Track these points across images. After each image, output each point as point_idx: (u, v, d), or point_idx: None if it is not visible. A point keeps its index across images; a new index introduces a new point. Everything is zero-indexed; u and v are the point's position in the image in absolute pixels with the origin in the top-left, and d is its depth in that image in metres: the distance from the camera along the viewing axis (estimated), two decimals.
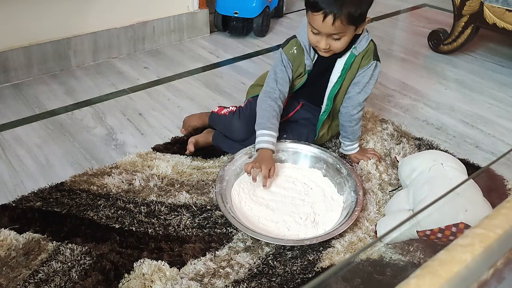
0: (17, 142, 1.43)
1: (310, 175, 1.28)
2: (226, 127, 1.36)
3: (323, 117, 1.35)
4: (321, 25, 1.13)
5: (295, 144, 1.32)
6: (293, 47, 1.27)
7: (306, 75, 1.30)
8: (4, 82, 1.75)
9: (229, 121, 1.35)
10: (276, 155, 1.28)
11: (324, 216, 1.16)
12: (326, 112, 1.34)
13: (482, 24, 1.98)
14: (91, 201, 1.18)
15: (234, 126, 1.33)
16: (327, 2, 1.10)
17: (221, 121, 1.39)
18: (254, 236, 1.05)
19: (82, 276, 0.97)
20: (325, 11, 1.11)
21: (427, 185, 1.09)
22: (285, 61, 1.27)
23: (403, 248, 1.07)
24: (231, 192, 1.20)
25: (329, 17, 1.11)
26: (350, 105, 1.32)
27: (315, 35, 1.18)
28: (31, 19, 1.75)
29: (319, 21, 1.13)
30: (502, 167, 1.33)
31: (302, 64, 1.28)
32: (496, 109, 1.73)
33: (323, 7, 1.10)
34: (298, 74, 1.30)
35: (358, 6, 1.12)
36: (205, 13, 2.25)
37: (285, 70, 1.27)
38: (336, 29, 1.14)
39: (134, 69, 1.93)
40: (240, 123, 1.33)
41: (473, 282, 0.46)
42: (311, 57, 1.27)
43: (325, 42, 1.17)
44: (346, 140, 1.38)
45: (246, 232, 1.06)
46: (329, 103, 1.33)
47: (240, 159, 1.26)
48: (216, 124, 1.42)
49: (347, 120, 1.34)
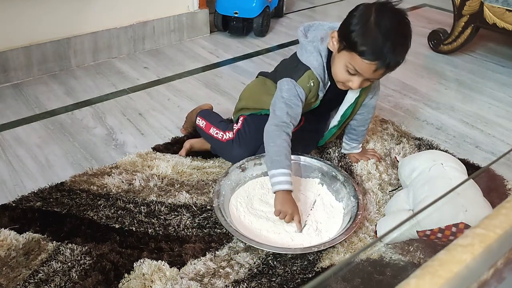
0: (17, 142, 1.43)
1: (306, 184, 1.27)
2: (224, 153, 1.30)
3: (333, 130, 1.33)
4: (369, 72, 1.06)
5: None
6: (310, 80, 1.16)
7: (318, 102, 1.23)
8: (4, 82, 1.75)
9: (229, 149, 1.27)
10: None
11: (326, 223, 1.14)
12: (337, 126, 1.32)
13: (482, 24, 1.98)
14: (91, 201, 1.18)
15: (235, 155, 1.26)
16: (383, 54, 1.02)
17: (216, 145, 1.31)
18: (263, 248, 1.04)
19: (82, 276, 0.97)
20: (379, 63, 1.04)
21: (427, 185, 1.09)
22: (302, 95, 1.16)
23: (403, 248, 1.07)
24: (229, 206, 1.17)
25: (383, 69, 1.05)
26: (365, 111, 1.31)
27: (349, 75, 1.10)
28: (31, 19, 1.75)
29: (368, 69, 1.05)
30: (502, 167, 1.33)
31: (316, 95, 1.20)
32: (496, 109, 1.73)
33: (379, 58, 1.03)
34: (308, 103, 1.22)
35: (406, 52, 1.07)
36: (205, 13, 2.25)
37: (300, 106, 1.17)
38: (381, 76, 1.09)
39: (134, 69, 1.93)
40: (242, 151, 1.25)
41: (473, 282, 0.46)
42: (325, 87, 1.21)
43: (359, 84, 1.10)
44: (354, 142, 1.37)
45: (252, 244, 1.04)
46: (342, 119, 1.29)
47: (234, 173, 1.23)
48: (210, 142, 1.34)
49: (361, 125, 1.33)
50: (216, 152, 1.35)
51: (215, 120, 1.35)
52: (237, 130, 1.28)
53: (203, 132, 1.34)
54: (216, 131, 1.30)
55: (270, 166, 1.14)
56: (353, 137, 1.36)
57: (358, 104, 1.28)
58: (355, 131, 1.35)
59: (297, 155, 1.29)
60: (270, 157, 1.14)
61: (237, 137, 1.26)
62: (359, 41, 1.04)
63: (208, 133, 1.32)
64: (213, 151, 1.35)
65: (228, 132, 1.29)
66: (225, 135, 1.29)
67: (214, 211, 1.12)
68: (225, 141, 1.28)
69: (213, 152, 1.36)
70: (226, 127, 1.31)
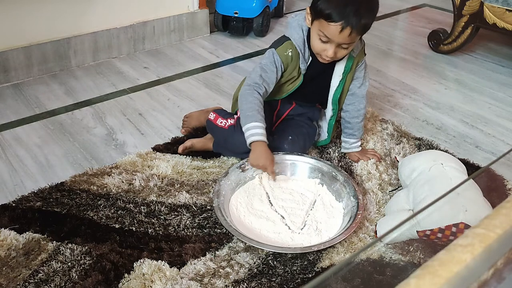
0: (17, 142, 1.43)
1: (306, 185, 1.26)
2: (227, 141, 1.32)
3: (332, 121, 1.37)
4: (337, 35, 1.11)
5: (290, 155, 1.29)
6: (288, 50, 1.23)
7: (301, 78, 1.27)
8: (4, 82, 1.75)
9: (231, 135, 1.30)
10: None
11: (326, 223, 1.15)
12: (334, 116, 1.36)
13: (482, 24, 1.98)
14: (91, 201, 1.18)
15: (236, 140, 1.28)
16: (346, 14, 1.08)
17: (221, 134, 1.34)
18: (263, 247, 1.04)
19: (82, 276, 0.97)
20: (343, 23, 1.09)
21: (427, 185, 1.09)
22: (278, 62, 1.23)
23: (403, 248, 1.07)
24: (229, 206, 1.17)
25: (347, 29, 1.10)
26: (355, 100, 1.35)
27: (323, 43, 1.16)
28: (31, 19, 1.75)
29: (334, 31, 1.11)
30: (502, 167, 1.33)
31: (297, 68, 1.25)
32: (496, 109, 1.73)
33: (343, 18, 1.09)
34: (291, 78, 1.27)
35: (372, 17, 1.13)
36: (205, 13, 2.25)
37: (275, 72, 1.23)
38: (350, 40, 1.13)
39: (134, 69, 1.93)
40: (242, 137, 1.26)
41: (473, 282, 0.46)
42: (306, 61, 1.25)
43: (333, 51, 1.16)
44: (352, 138, 1.38)
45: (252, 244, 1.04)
46: (335, 107, 1.33)
47: (234, 173, 1.23)
48: (215, 135, 1.37)
49: (355, 116, 1.35)
50: (219, 146, 1.36)
51: (223, 113, 1.39)
52: (237, 118, 1.32)
53: (211, 124, 1.36)
54: (221, 120, 1.35)
55: (243, 122, 1.21)
56: (350, 132, 1.37)
57: (345, 89, 1.32)
58: (350, 124, 1.36)
59: (297, 155, 1.29)
60: (244, 113, 1.21)
61: (238, 123, 1.30)
62: (324, 6, 1.11)
63: (215, 124, 1.35)
64: (216, 147, 1.37)
65: (230, 119, 1.34)
66: (227, 122, 1.33)
67: (214, 211, 1.12)
68: (227, 127, 1.32)
69: (215, 150, 1.37)
70: (230, 116, 1.36)
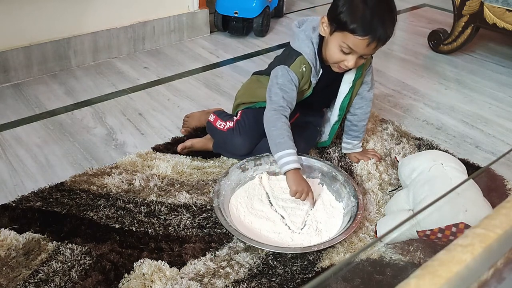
0: (17, 142, 1.43)
1: None
2: (227, 143, 1.31)
3: (336, 126, 1.36)
4: (363, 48, 1.10)
5: None
6: (302, 65, 1.20)
7: (311, 90, 1.26)
8: (4, 82, 1.75)
9: (230, 138, 1.29)
10: (269, 168, 1.27)
11: (326, 223, 1.15)
12: (339, 121, 1.35)
13: (482, 24, 1.98)
14: (91, 201, 1.18)
15: (236, 143, 1.28)
16: (374, 27, 1.07)
17: (220, 136, 1.33)
18: (263, 247, 1.04)
19: (82, 276, 0.97)
20: (371, 37, 1.08)
21: (427, 185, 1.09)
22: (295, 80, 1.20)
23: (403, 248, 1.07)
24: (229, 206, 1.17)
25: (374, 42, 1.09)
26: (364, 104, 1.34)
27: (344, 54, 1.14)
28: (31, 19, 1.75)
29: (361, 44, 1.09)
30: (502, 167, 1.33)
31: (308, 82, 1.24)
32: (496, 109, 1.73)
33: (370, 32, 1.08)
34: (301, 91, 1.25)
35: (394, 25, 1.12)
36: (205, 13, 2.25)
37: (295, 90, 1.21)
38: (375, 51, 1.13)
39: (134, 69, 1.93)
40: (242, 140, 1.27)
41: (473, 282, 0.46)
42: (317, 74, 1.24)
43: (355, 62, 1.14)
44: (356, 140, 1.38)
45: (252, 244, 1.04)
46: (341, 112, 1.33)
47: (234, 173, 1.23)
48: (215, 137, 1.36)
49: (362, 119, 1.35)
50: (218, 147, 1.36)
51: (223, 115, 1.38)
52: (236, 121, 1.31)
53: (210, 125, 1.36)
54: (220, 122, 1.34)
55: (275, 150, 1.18)
56: (355, 134, 1.37)
57: (354, 95, 1.31)
58: (356, 126, 1.36)
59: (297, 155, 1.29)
60: (274, 141, 1.18)
61: (237, 126, 1.29)
62: (348, 20, 1.09)
63: (214, 126, 1.34)
64: (215, 148, 1.36)
65: (229, 122, 1.32)
66: (226, 125, 1.32)
67: (214, 211, 1.12)
68: (226, 130, 1.31)
69: (215, 151, 1.37)
70: (229, 118, 1.35)
